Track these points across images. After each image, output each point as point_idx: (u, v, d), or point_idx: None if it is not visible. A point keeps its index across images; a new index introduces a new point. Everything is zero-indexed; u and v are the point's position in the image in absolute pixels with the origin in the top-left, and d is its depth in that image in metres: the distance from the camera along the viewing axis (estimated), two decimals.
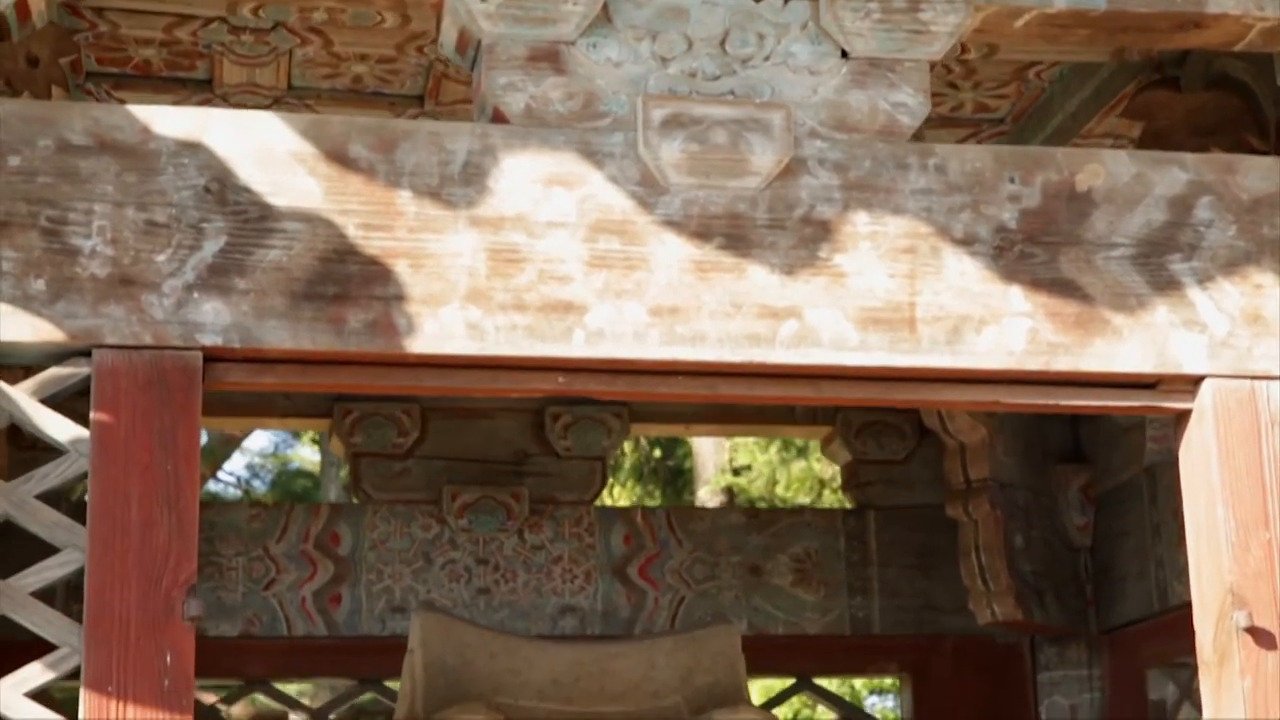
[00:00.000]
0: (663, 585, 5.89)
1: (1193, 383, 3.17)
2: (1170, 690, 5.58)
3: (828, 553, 6.01)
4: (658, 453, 13.90)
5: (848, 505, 6.23)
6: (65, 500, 3.06)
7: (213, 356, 2.92)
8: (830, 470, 12.32)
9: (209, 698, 5.92)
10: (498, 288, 3.00)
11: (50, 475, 2.82)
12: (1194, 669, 5.46)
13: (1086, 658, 5.87)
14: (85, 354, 2.87)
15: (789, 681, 6.05)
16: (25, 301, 2.84)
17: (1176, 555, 5.43)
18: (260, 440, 15.57)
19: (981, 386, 3.13)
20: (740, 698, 4.44)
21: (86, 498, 2.84)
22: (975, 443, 5.68)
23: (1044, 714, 5.92)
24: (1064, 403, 3.14)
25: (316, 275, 2.95)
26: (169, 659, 2.75)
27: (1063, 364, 3.11)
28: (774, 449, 13.56)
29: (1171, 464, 5.57)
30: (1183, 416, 3.20)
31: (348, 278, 2.96)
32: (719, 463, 13.72)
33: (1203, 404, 3.14)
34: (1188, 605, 5.32)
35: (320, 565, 5.75)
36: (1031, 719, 5.92)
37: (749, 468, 13.29)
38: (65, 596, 2.97)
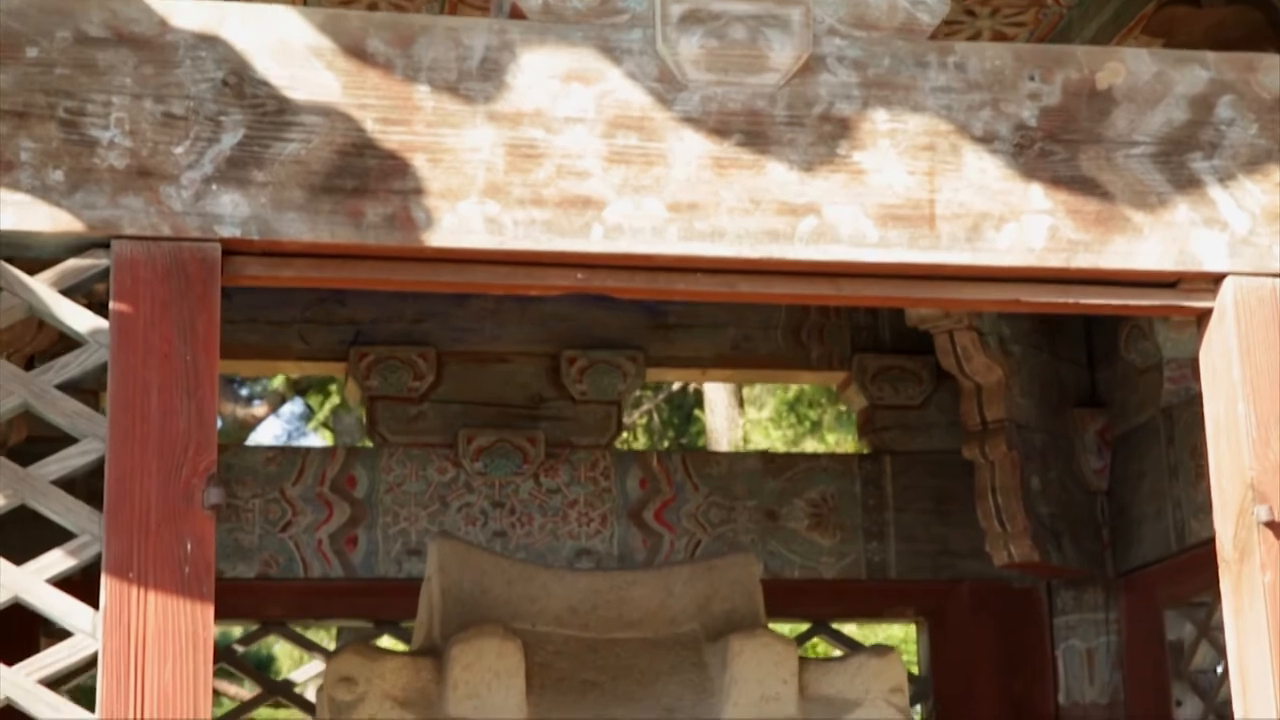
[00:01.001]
0: (679, 529, 5.89)
1: (1213, 281, 3.16)
2: (1188, 630, 5.57)
3: (844, 497, 6.00)
4: (670, 434, 13.89)
5: (864, 450, 6.22)
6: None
7: (231, 249, 2.92)
8: (844, 450, 12.31)
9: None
10: (516, 183, 3.00)
11: (70, 365, 2.82)
12: (1211, 607, 5.46)
13: (1103, 601, 5.86)
14: (104, 245, 2.87)
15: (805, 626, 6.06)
16: (44, 192, 2.85)
17: (1194, 494, 5.43)
18: (274, 428, 15.62)
19: (1001, 285, 3.12)
20: (757, 625, 4.43)
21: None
22: (992, 384, 5.67)
23: (1060, 658, 5.91)
24: (1084, 301, 3.13)
25: (334, 169, 2.95)
26: (189, 546, 2.75)
27: (1083, 261, 3.10)
28: (786, 424, 13.55)
29: (1189, 404, 5.59)
30: (1204, 316, 3.19)
31: (366, 171, 2.96)
32: (732, 439, 13.71)
33: (1224, 302, 3.13)
34: (1205, 543, 5.33)
35: (336, 508, 5.75)
36: (1048, 663, 5.91)
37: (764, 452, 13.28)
38: (86, 489, 2.95)
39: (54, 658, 2.72)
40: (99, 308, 2.90)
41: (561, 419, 5.93)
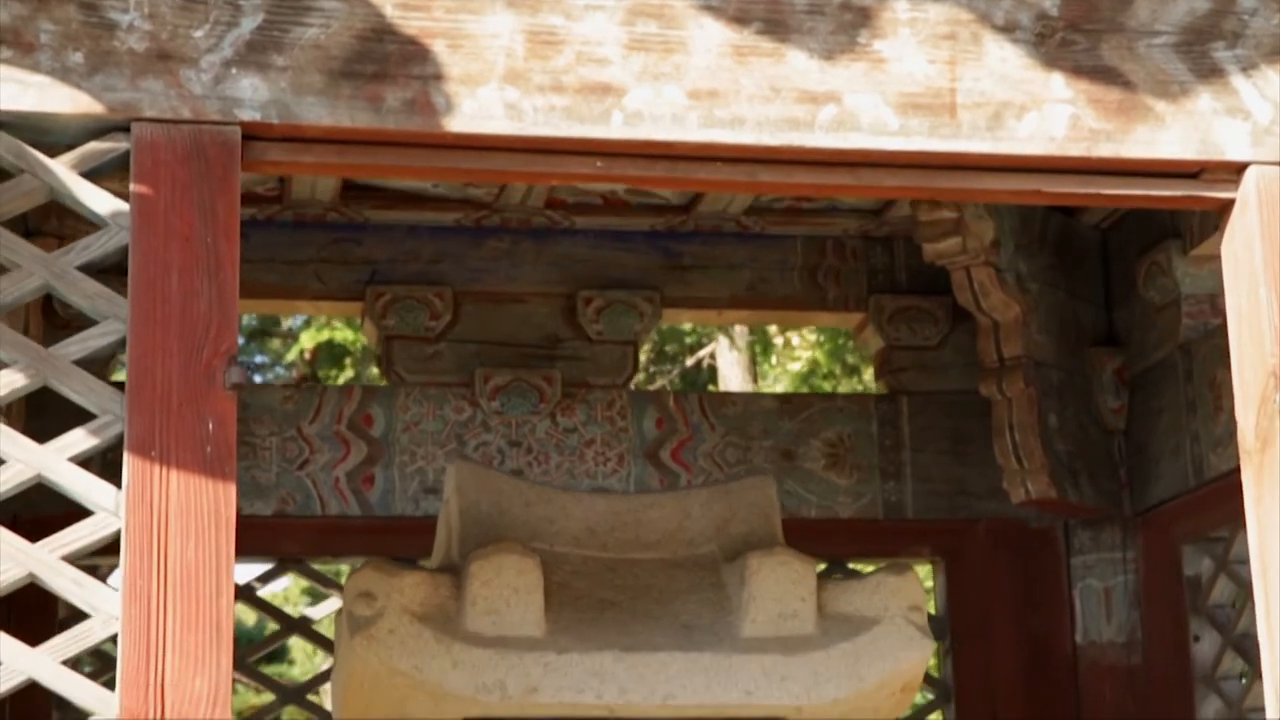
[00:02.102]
0: (695, 468, 5.88)
1: (1236, 171, 3.15)
2: (1205, 565, 5.56)
3: (860, 437, 5.99)
4: None
5: (880, 391, 6.21)
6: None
7: (251, 134, 2.92)
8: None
9: None
10: (536, 69, 3.00)
11: (92, 247, 2.83)
12: (1229, 541, 5.45)
13: (1120, 540, 5.85)
14: (124, 128, 2.88)
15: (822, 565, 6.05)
16: (64, 74, 2.85)
17: (1212, 427, 5.42)
18: None
19: (1022, 175, 3.12)
20: (775, 545, 4.42)
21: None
22: (1009, 321, 5.66)
23: (1077, 597, 5.90)
24: (1105, 192, 3.12)
25: (354, 54, 2.95)
26: (211, 426, 2.75)
27: (1105, 150, 3.10)
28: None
29: (1207, 337, 5.58)
30: (1226, 207, 3.18)
31: (385, 57, 2.96)
32: None
33: (1246, 191, 3.12)
34: (1223, 476, 5.32)
35: (353, 446, 5.75)
36: (1065, 602, 5.91)
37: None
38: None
39: (77, 534, 2.72)
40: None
41: (578, 359, 5.93)
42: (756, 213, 5.94)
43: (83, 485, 2.74)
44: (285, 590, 14.15)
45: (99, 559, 2.93)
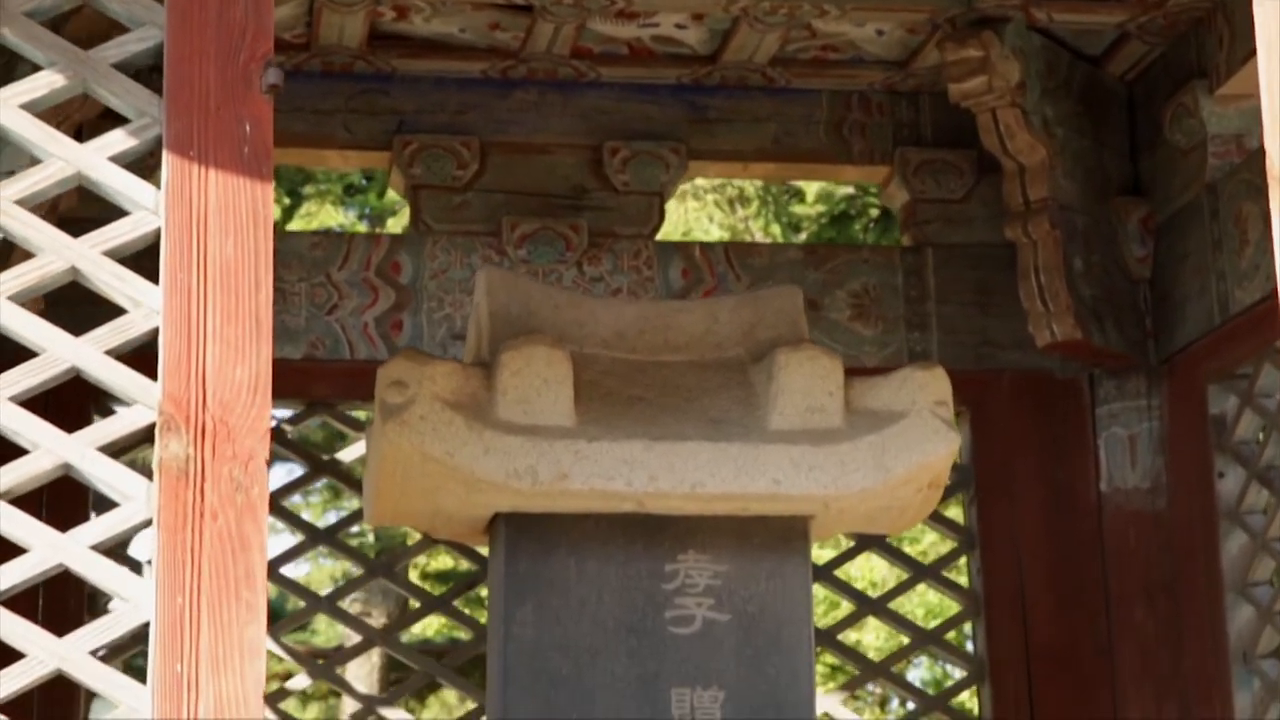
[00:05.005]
0: None
1: None
2: (1231, 402, 5.58)
3: (885, 289, 6.01)
4: None
5: (905, 244, 6.22)
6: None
7: None
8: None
9: None
10: None
11: None
12: (1253, 376, 5.46)
13: (1145, 388, 5.87)
14: None
15: None
16: None
17: (1238, 262, 5.43)
18: None
19: None
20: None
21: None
22: (1035, 164, 5.67)
23: (1102, 445, 5.92)
24: None
25: None
26: (248, 128, 2.79)
27: None
28: None
29: (1232, 174, 5.58)
30: None
31: None
32: None
33: None
34: (1248, 309, 5.34)
35: (381, 292, 5.79)
36: (1090, 451, 5.93)
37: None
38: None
39: (118, 230, 2.76)
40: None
41: (604, 209, 5.95)
42: (781, 64, 5.96)
43: (123, 183, 2.77)
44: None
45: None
